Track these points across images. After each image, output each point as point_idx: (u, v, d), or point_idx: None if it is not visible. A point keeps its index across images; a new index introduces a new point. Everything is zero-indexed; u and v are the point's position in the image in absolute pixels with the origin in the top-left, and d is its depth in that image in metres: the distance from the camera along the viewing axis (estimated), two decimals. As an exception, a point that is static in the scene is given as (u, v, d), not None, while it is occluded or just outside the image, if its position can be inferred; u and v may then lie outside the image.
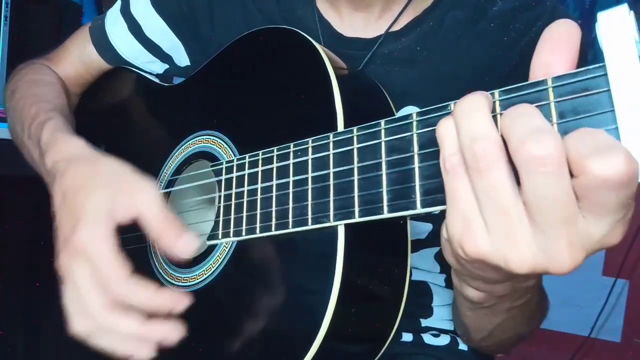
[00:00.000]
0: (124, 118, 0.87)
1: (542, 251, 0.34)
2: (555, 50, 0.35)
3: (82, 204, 0.53)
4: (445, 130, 0.37)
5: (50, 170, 0.62)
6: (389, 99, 0.61)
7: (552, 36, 0.35)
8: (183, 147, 0.70)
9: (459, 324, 0.68)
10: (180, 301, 0.51)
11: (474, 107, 0.35)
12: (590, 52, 0.74)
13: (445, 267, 0.77)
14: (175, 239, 0.50)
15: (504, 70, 0.69)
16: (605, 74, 0.31)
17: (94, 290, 0.50)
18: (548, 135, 0.31)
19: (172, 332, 0.51)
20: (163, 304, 0.51)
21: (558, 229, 0.33)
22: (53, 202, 0.59)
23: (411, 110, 0.68)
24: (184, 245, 0.50)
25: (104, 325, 0.50)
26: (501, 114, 0.36)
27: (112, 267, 0.50)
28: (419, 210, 0.40)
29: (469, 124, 0.35)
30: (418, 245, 0.74)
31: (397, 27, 0.72)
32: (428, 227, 0.73)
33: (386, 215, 0.42)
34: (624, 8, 0.30)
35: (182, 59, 0.88)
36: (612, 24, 0.30)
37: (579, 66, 0.34)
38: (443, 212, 0.39)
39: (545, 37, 0.36)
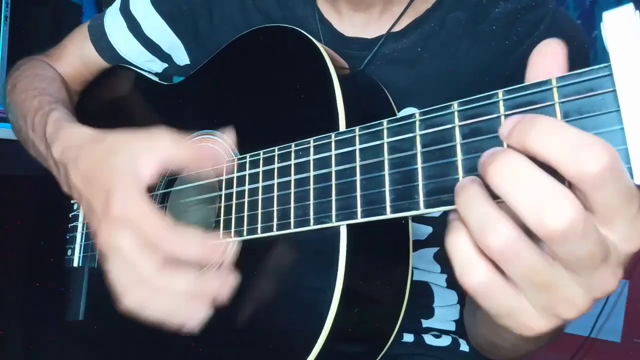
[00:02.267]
0: (123, 116, 0.87)
1: (590, 292, 0.33)
2: (549, 63, 0.35)
3: (108, 177, 0.53)
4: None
5: (60, 159, 0.62)
6: (390, 99, 0.61)
7: (546, 50, 0.36)
8: (183, 147, 0.70)
9: (490, 346, 0.67)
10: (230, 248, 0.51)
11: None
12: (590, 51, 0.74)
13: (445, 268, 0.77)
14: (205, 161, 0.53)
15: (505, 71, 0.69)
16: (611, 74, 0.31)
17: (143, 254, 0.49)
18: (562, 201, 0.30)
19: (226, 282, 0.49)
20: (214, 251, 0.50)
21: (601, 269, 0.32)
22: (73, 189, 0.59)
23: (412, 111, 0.68)
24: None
25: (159, 286, 0.49)
26: (506, 115, 0.35)
27: (156, 224, 0.49)
28: (422, 210, 0.40)
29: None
30: (418, 245, 0.74)
31: (398, 28, 0.72)
32: (428, 229, 0.73)
33: (389, 215, 0.42)
34: (629, 7, 0.30)
35: (182, 58, 0.88)
36: (617, 24, 0.30)
37: (582, 67, 0.34)
38: (443, 215, 0.39)
39: (539, 51, 0.36)
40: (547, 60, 0.35)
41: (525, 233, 0.32)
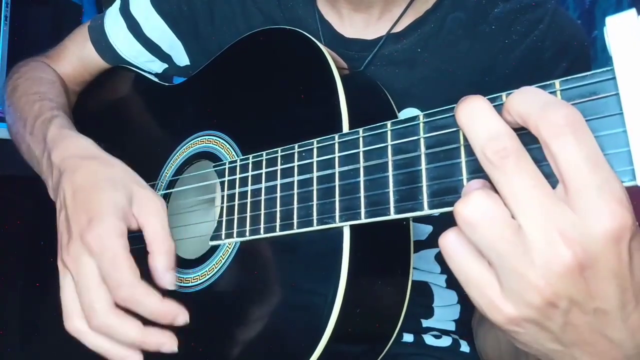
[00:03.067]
0: (123, 117, 0.87)
1: (545, 259, 0.32)
2: None
3: (99, 201, 0.54)
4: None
5: (58, 165, 0.62)
6: (391, 100, 0.61)
7: None
8: (184, 147, 0.70)
9: (482, 342, 0.68)
10: (183, 314, 0.51)
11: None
12: (590, 51, 0.74)
13: (445, 268, 0.77)
14: (166, 267, 0.52)
15: (505, 71, 0.69)
16: (614, 78, 0.31)
17: (101, 288, 0.50)
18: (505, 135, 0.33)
19: (168, 343, 0.51)
20: (167, 313, 0.51)
21: (547, 227, 0.32)
22: (60, 196, 0.59)
23: (412, 112, 0.68)
24: (169, 279, 0.52)
25: (104, 325, 0.50)
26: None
27: (124, 268, 0.50)
28: (426, 211, 0.40)
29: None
30: (418, 246, 0.74)
31: (398, 29, 0.72)
32: (428, 228, 0.73)
33: (393, 216, 0.42)
34: (632, 12, 0.30)
35: (182, 58, 0.88)
36: (620, 28, 0.30)
37: (582, 67, 0.34)
38: (444, 214, 0.39)
39: None
40: None
41: None
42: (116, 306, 0.50)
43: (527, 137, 0.33)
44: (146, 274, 0.52)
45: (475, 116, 0.34)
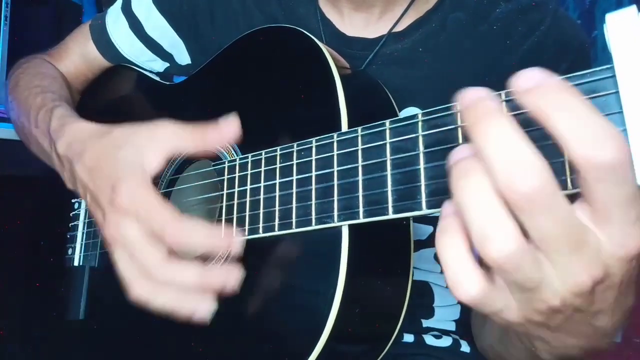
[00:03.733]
0: (124, 116, 0.87)
1: (564, 284, 0.33)
2: None
3: (113, 170, 0.54)
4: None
5: (64, 154, 0.63)
6: (392, 99, 0.61)
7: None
8: (184, 147, 0.70)
9: (489, 352, 0.67)
10: (235, 240, 0.51)
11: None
12: (590, 51, 0.74)
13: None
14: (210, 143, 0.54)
15: (505, 72, 0.68)
16: (614, 76, 0.31)
17: (149, 245, 0.50)
18: (528, 164, 0.29)
19: (231, 275, 0.50)
20: (219, 242, 0.50)
21: (572, 257, 0.32)
22: (78, 182, 0.60)
23: (413, 111, 0.68)
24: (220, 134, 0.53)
25: (165, 278, 0.50)
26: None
27: (161, 214, 0.50)
28: (424, 211, 0.40)
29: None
30: (419, 245, 0.74)
31: (399, 28, 0.72)
32: (429, 228, 0.73)
33: (391, 216, 0.42)
34: (632, 10, 0.30)
35: (183, 57, 0.88)
36: (620, 26, 0.30)
37: (583, 67, 0.34)
38: None
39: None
40: None
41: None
42: (172, 256, 0.50)
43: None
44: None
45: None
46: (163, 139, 0.54)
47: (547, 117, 0.29)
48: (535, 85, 0.30)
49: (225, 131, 0.54)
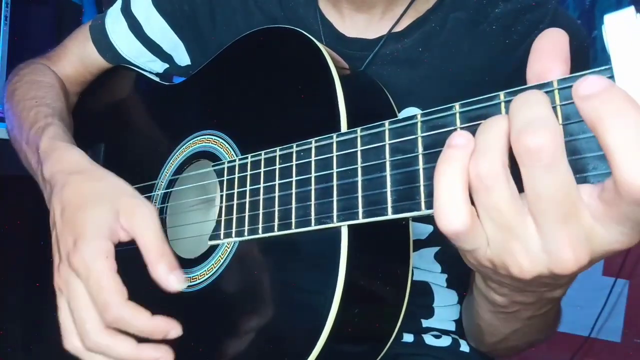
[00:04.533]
0: (124, 117, 0.87)
1: (546, 252, 0.34)
2: (547, 59, 0.35)
3: (84, 220, 0.54)
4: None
5: (49, 180, 0.63)
6: (391, 100, 0.61)
7: (542, 46, 0.36)
8: (184, 147, 0.70)
9: (473, 327, 0.68)
10: (174, 328, 0.52)
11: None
12: (590, 51, 0.74)
13: (446, 268, 0.77)
14: (167, 272, 0.52)
15: (505, 71, 0.69)
16: (612, 77, 0.31)
17: (91, 310, 0.51)
18: (543, 125, 0.31)
19: (163, 358, 0.51)
20: (157, 330, 0.51)
21: (557, 226, 0.32)
22: (51, 213, 0.60)
23: (413, 111, 0.68)
24: (174, 281, 0.51)
25: (97, 346, 0.51)
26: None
27: (111, 289, 0.51)
28: (424, 211, 0.40)
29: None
30: (418, 245, 0.74)
31: (399, 28, 0.72)
32: (429, 228, 0.73)
33: (390, 216, 0.42)
34: (630, 10, 0.30)
35: (183, 58, 0.88)
36: (618, 27, 0.30)
37: (582, 67, 0.34)
38: None
39: (535, 48, 0.36)
40: (548, 54, 0.35)
41: None
42: (110, 326, 0.51)
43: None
44: (146, 269, 0.52)
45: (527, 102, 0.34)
46: (139, 226, 0.54)
47: (603, 129, 0.29)
48: (598, 91, 0.30)
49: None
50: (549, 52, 0.35)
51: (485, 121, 0.35)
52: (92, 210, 0.55)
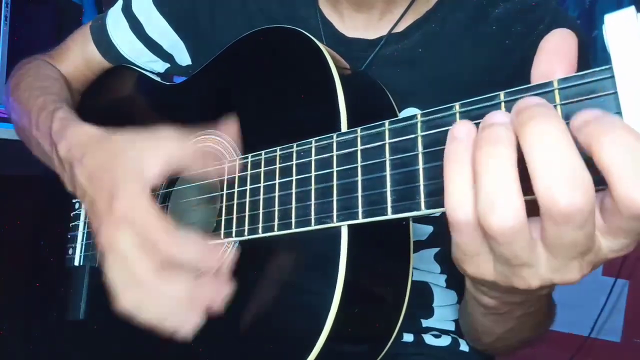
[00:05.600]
0: (124, 116, 0.87)
1: (553, 272, 0.34)
2: (553, 59, 0.35)
3: (113, 177, 0.54)
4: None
5: (65, 157, 0.63)
6: (391, 100, 0.61)
7: (549, 46, 0.35)
8: (184, 147, 0.70)
9: (468, 328, 0.68)
10: (228, 255, 0.51)
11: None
12: (591, 51, 0.74)
13: (445, 268, 0.77)
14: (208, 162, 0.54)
15: (505, 72, 0.69)
16: (612, 77, 0.31)
17: (142, 255, 0.50)
18: (580, 183, 0.29)
19: (222, 290, 0.50)
20: (212, 256, 0.51)
21: (574, 260, 0.33)
22: (78, 186, 0.60)
23: (413, 111, 0.68)
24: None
25: (154, 289, 0.49)
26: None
27: (157, 226, 0.50)
28: (423, 211, 0.40)
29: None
30: (418, 246, 0.74)
31: (399, 29, 0.72)
32: (429, 229, 0.73)
33: (390, 216, 0.42)
34: (631, 10, 0.30)
35: (184, 58, 0.88)
36: (619, 26, 0.30)
37: (582, 67, 0.34)
38: (444, 214, 0.39)
39: (542, 48, 0.36)
40: (556, 55, 0.35)
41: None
42: (164, 267, 0.50)
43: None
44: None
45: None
46: (166, 149, 0.54)
47: (598, 153, 0.29)
48: (590, 119, 0.30)
49: (222, 157, 0.54)
50: (557, 53, 0.35)
51: (487, 142, 0.33)
52: (117, 164, 0.54)
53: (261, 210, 0.54)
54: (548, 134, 0.30)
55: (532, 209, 0.32)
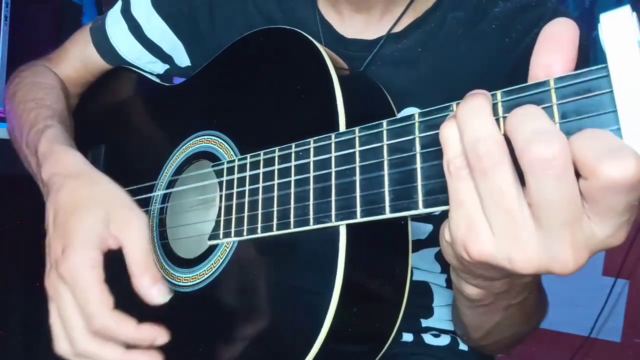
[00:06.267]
0: (124, 118, 0.87)
1: (546, 251, 0.34)
2: (555, 50, 0.35)
3: (74, 227, 0.55)
4: (448, 132, 0.37)
5: (46, 182, 0.63)
6: (390, 100, 0.61)
7: (551, 36, 0.35)
8: (184, 147, 0.70)
9: (459, 324, 0.68)
10: (161, 335, 0.52)
11: (476, 108, 0.35)
12: (590, 52, 0.74)
13: (445, 268, 0.77)
14: (150, 285, 0.52)
15: (504, 71, 0.69)
16: (608, 75, 0.31)
17: (78, 318, 0.52)
18: (554, 137, 0.31)
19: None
20: (144, 338, 0.52)
21: (562, 230, 0.33)
22: (46, 217, 0.60)
23: (412, 111, 0.68)
24: (156, 293, 0.52)
25: (85, 351, 0.52)
26: (504, 117, 0.36)
27: (95, 301, 0.51)
28: (421, 210, 0.40)
29: (472, 125, 0.35)
30: (418, 245, 0.74)
31: (398, 29, 0.72)
32: (428, 227, 0.73)
33: (388, 215, 0.42)
34: (626, 9, 0.30)
35: (183, 59, 0.88)
36: (614, 26, 0.30)
37: (581, 66, 0.34)
38: (444, 213, 0.39)
39: (543, 37, 0.36)
40: (556, 44, 0.35)
41: None
42: (97, 333, 0.51)
43: None
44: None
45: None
46: (128, 237, 0.54)
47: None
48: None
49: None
50: (558, 42, 0.35)
51: (465, 106, 0.36)
52: (83, 216, 0.55)
53: (260, 211, 0.54)
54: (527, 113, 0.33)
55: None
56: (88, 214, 0.55)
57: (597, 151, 0.30)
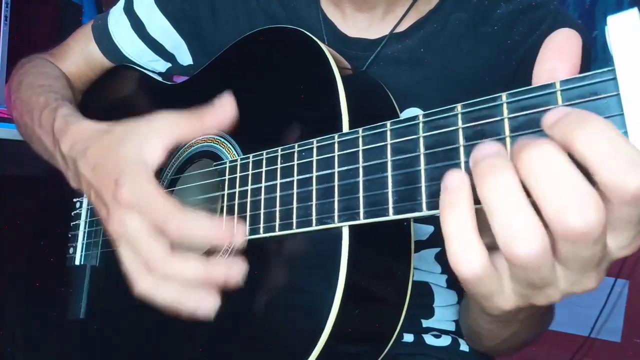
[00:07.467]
0: (126, 116, 0.87)
1: (574, 285, 0.35)
2: (557, 58, 0.35)
3: (116, 165, 0.54)
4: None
5: (68, 154, 0.63)
6: (393, 100, 0.61)
7: (554, 44, 0.35)
8: (186, 146, 0.70)
9: (471, 333, 0.68)
10: (238, 232, 0.50)
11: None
12: (591, 52, 0.74)
13: (446, 268, 0.77)
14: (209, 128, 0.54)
15: (506, 71, 0.69)
16: (614, 78, 0.31)
17: (152, 238, 0.50)
18: (590, 204, 0.29)
19: (235, 269, 0.49)
20: (222, 235, 0.49)
21: (591, 271, 0.34)
22: (82, 180, 0.60)
23: (414, 111, 0.68)
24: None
25: (167, 272, 0.49)
26: (509, 118, 0.35)
27: (164, 206, 0.49)
28: (425, 212, 0.40)
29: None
30: (419, 246, 0.74)
31: (400, 29, 0.72)
32: (429, 229, 0.73)
33: (391, 217, 0.42)
34: (634, 12, 0.30)
35: (185, 57, 0.88)
36: (621, 28, 0.30)
37: (585, 67, 0.34)
38: None
39: (547, 46, 0.36)
40: (560, 53, 0.35)
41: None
42: (175, 249, 0.50)
43: None
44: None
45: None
46: (162, 131, 0.55)
47: (576, 146, 0.30)
48: (561, 116, 0.31)
49: (221, 114, 0.53)
50: (561, 52, 0.35)
51: (484, 175, 0.33)
52: (119, 151, 0.55)
53: (262, 211, 0.54)
54: (546, 162, 0.31)
55: None
56: (121, 149, 0.55)
57: (619, 165, 0.29)
